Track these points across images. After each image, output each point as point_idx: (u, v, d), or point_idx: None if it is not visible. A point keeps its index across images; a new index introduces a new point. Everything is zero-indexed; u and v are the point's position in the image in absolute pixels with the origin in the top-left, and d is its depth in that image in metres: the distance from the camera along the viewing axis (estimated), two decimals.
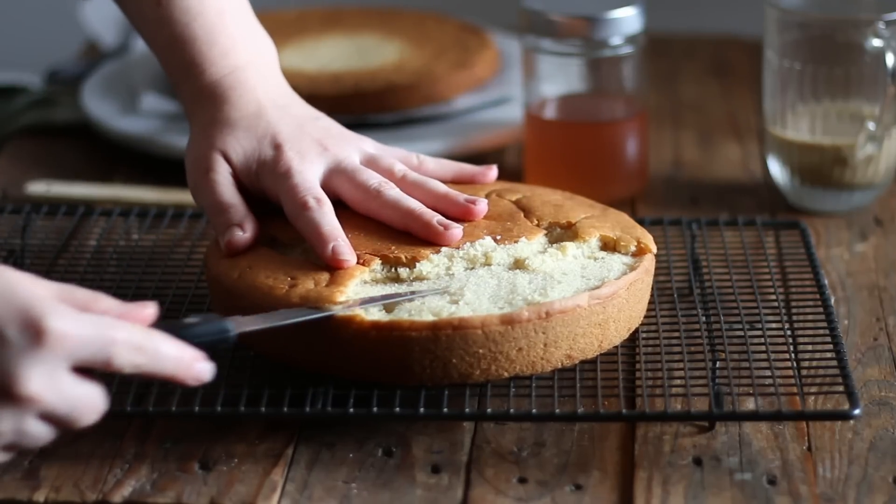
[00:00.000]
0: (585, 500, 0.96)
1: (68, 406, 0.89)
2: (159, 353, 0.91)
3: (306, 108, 1.15)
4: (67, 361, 0.88)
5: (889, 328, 1.15)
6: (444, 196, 1.09)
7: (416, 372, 1.01)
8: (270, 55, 1.16)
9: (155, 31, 1.15)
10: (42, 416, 0.88)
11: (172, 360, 0.92)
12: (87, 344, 0.88)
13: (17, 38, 1.97)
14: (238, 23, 1.15)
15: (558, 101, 1.36)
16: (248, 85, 1.13)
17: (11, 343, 0.86)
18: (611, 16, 1.32)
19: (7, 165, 1.45)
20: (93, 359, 0.89)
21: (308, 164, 1.09)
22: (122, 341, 0.89)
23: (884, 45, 1.28)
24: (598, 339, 1.04)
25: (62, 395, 0.88)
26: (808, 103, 1.32)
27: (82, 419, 0.90)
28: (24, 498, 0.97)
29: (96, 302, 0.92)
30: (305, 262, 1.06)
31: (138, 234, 1.26)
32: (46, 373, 0.87)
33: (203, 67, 1.13)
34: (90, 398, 0.90)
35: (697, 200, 1.37)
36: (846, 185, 1.32)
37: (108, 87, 1.52)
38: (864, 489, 0.97)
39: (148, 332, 0.91)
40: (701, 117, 1.54)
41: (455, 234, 1.06)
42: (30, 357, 0.86)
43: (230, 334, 0.96)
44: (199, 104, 1.13)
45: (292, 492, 0.97)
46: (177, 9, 1.13)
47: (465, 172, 1.15)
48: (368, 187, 1.09)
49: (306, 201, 1.07)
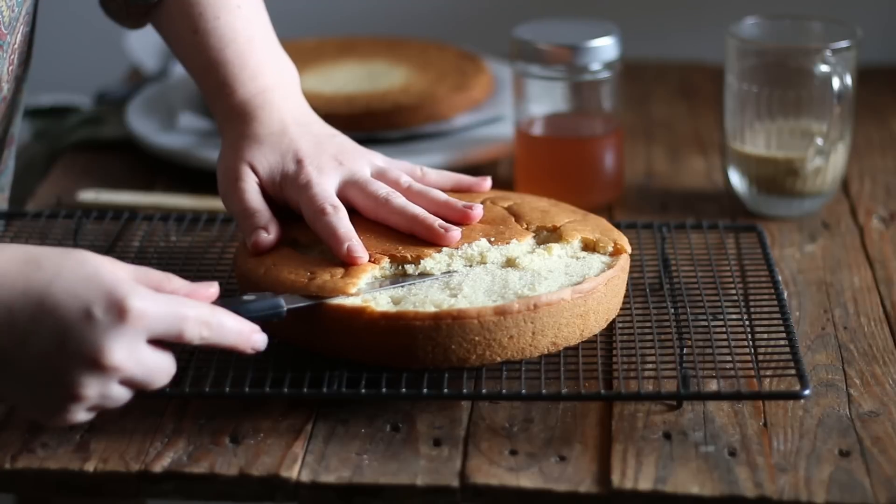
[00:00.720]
0: (569, 469, 0.96)
1: (145, 372, 0.91)
2: (223, 326, 0.94)
3: (324, 127, 1.15)
4: (145, 335, 0.90)
5: (835, 319, 1.15)
6: (445, 203, 1.09)
7: (419, 357, 1.00)
8: (293, 78, 1.16)
9: (192, 57, 1.15)
10: (123, 381, 0.91)
11: (234, 333, 0.94)
12: (163, 320, 0.91)
13: (70, 65, 1.97)
14: (265, 49, 1.15)
15: (545, 120, 1.36)
16: (274, 105, 1.13)
17: (99, 321, 0.88)
18: (591, 45, 1.32)
19: (61, 176, 1.44)
20: (167, 332, 0.91)
21: (326, 177, 1.09)
22: (192, 317, 0.92)
23: (830, 71, 1.27)
24: (579, 328, 1.04)
25: (141, 363, 0.91)
26: (764, 121, 1.32)
27: (157, 383, 0.93)
28: (76, 468, 0.97)
29: (168, 281, 0.94)
30: (322, 259, 1.06)
31: (176, 236, 1.25)
32: (128, 345, 0.89)
33: (234, 88, 1.13)
34: (164, 365, 0.93)
35: (667, 206, 1.36)
36: (797, 193, 1.32)
37: (150, 107, 1.52)
38: (814, 460, 0.97)
39: (213, 308, 0.94)
40: (670, 134, 1.53)
41: (454, 236, 1.06)
42: (114, 332, 0.89)
43: (282, 309, 0.99)
44: (229, 121, 1.13)
45: (311, 462, 0.97)
46: (211, 37, 1.13)
47: (464, 182, 1.14)
48: (378, 196, 1.08)
49: (324, 208, 1.07)
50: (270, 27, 1.18)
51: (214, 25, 1.14)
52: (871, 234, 1.29)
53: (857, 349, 1.10)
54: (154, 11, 1.17)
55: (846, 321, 1.14)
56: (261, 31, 1.15)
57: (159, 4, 1.17)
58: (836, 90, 1.27)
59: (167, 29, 1.17)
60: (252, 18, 1.15)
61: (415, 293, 1.02)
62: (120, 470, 0.96)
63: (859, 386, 1.05)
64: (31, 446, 0.98)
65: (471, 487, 0.95)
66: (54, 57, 1.97)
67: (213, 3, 1.14)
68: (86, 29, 1.94)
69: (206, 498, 0.97)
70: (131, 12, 1.18)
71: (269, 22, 1.18)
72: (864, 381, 1.06)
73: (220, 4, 1.14)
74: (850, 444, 0.98)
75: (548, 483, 0.95)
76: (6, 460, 0.97)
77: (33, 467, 0.97)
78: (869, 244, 1.27)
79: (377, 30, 1.80)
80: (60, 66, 1.97)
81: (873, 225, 1.31)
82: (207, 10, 1.14)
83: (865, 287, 1.19)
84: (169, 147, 1.43)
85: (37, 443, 0.99)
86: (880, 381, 1.05)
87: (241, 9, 1.15)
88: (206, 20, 1.14)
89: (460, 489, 0.95)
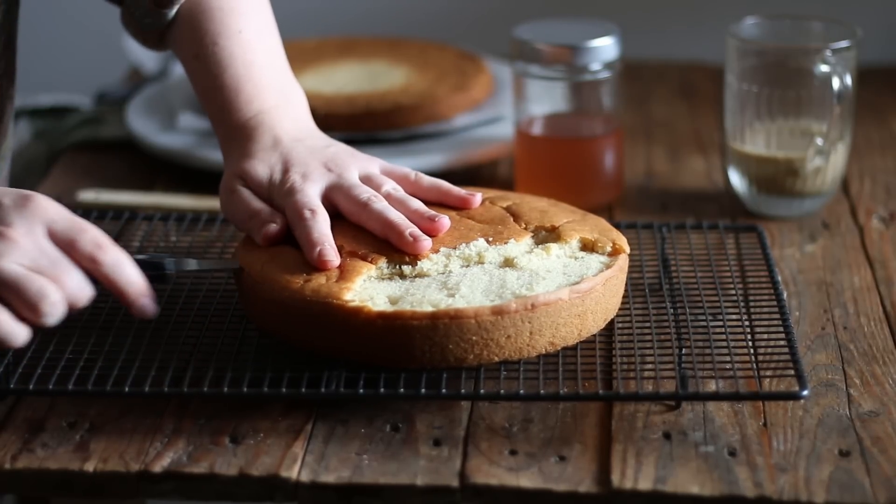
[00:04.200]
0: (568, 469, 0.96)
1: (48, 261, 0.96)
2: (119, 265, 0.99)
3: (322, 140, 1.15)
4: (44, 224, 0.97)
5: (835, 319, 1.15)
6: (415, 212, 1.09)
7: (417, 357, 1.00)
8: (297, 99, 1.17)
9: (195, 81, 1.17)
10: (32, 268, 0.96)
11: (127, 278, 0.99)
12: (63, 219, 0.98)
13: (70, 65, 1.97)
14: (264, 73, 1.16)
15: (545, 120, 1.36)
16: (269, 125, 1.14)
17: (6, 206, 0.98)
18: (591, 45, 1.32)
19: (61, 176, 1.44)
20: (63, 233, 0.98)
21: (310, 183, 1.10)
22: (91, 232, 0.98)
23: (830, 71, 1.27)
24: (577, 328, 1.04)
25: (39, 247, 0.97)
26: (764, 121, 1.32)
27: (62, 277, 0.96)
28: (76, 468, 0.97)
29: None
30: None
31: (176, 236, 1.25)
32: (27, 226, 0.97)
33: (231, 112, 1.14)
34: (65, 264, 0.97)
35: (667, 206, 1.36)
36: (797, 193, 1.32)
37: (150, 107, 1.52)
38: (813, 460, 0.97)
39: (117, 247, 0.99)
40: (670, 134, 1.53)
41: (423, 246, 1.06)
42: (16, 212, 0.97)
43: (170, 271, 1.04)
44: (228, 143, 1.15)
45: (311, 462, 0.97)
46: (210, 62, 1.15)
47: (452, 195, 1.13)
48: (360, 200, 1.09)
49: (303, 213, 1.07)
50: (276, 49, 1.18)
51: (213, 51, 1.15)
52: (871, 234, 1.29)
53: (857, 349, 1.10)
54: (168, 34, 1.18)
55: (846, 321, 1.14)
56: (261, 55, 1.16)
57: (169, 29, 1.18)
58: (836, 90, 1.27)
59: (177, 53, 1.19)
60: (253, 42, 1.16)
61: (412, 293, 1.03)
62: (120, 470, 0.96)
63: (859, 386, 1.05)
64: (31, 446, 0.98)
65: (471, 487, 0.95)
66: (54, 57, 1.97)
67: (213, 29, 1.16)
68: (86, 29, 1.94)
69: (206, 498, 0.97)
70: (147, 38, 1.19)
71: (276, 44, 1.18)
72: (864, 381, 1.06)
73: (220, 30, 1.15)
74: (850, 444, 0.98)
75: (547, 483, 0.95)
76: (6, 460, 0.97)
77: (33, 467, 0.97)
78: (869, 244, 1.27)
79: (377, 30, 1.80)
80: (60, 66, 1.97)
81: (873, 225, 1.31)
82: (207, 36, 1.16)
83: (865, 287, 1.20)
84: (169, 147, 1.43)
85: (37, 443, 0.99)
86: (880, 381, 1.06)
87: (241, 34, 1.16)
88: (205, 45, 1.15)
89: (460, 489, 0.95)
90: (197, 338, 1.08)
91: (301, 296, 1.01)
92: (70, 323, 1.00)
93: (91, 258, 0.98)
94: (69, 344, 1.06)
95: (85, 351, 1.05)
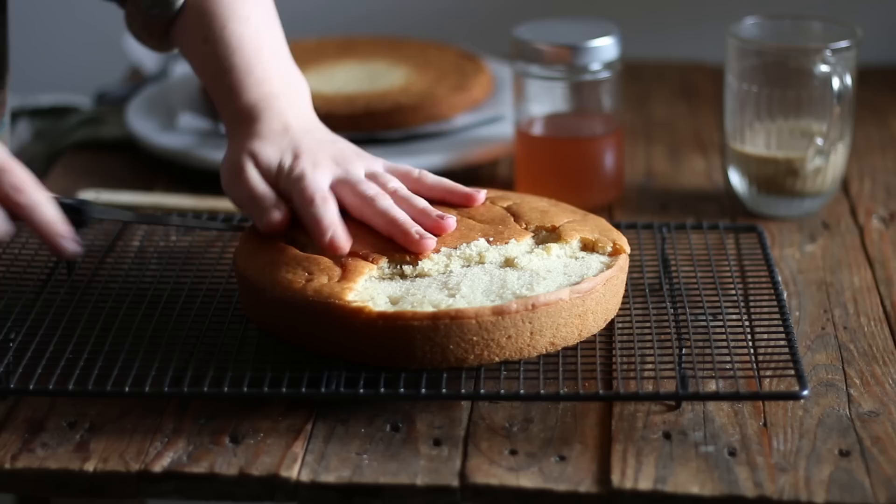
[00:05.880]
0: (569, 469, 0.96)
1: None
2: (39, 206, 1.00)
3: (328, 134, 1.16)
4: None
5: (835, 319, 1.15)
6: (422, 210, 1.09)
7: (417, 357, 1.00)
8: (302, 90, 1.17)
9: (202, 66, 1.17)
10: None
11: (46, 218, 1.00)
12: None
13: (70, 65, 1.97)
14: (273, 59, 1.17)
15: (545, 120, 1.36)
16: (279, 109, 1.14)
17: None
18: (591, 45, 1.32)
19: (61, 176, 1.44)
20: None
21: (319, 172, 1.10)
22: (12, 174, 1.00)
23: (830, 71, 1.27)
24: (578, 328, 1.04)
25: None
26: (764, 121, 1.32)
27: None
28: (76, 468, 0.97)
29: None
30: (321, 259, 1.06)
31: (176, 236, 1.25)
32: None
33: (240, 93, 1.14)
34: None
35: (667, 207, 1.36)
36: (797, 193, 1.32)
37: (150, 107, 1.52)
38: (813, 460, 0.97)
39: (39, 187, 1.00)
40: (670, 134, 1.53)
41: (428, 245, 1.06)
42: None
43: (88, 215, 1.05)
44: (235, 124, 1.14)
45: (311, 462, 0.97)
46: (219, 45, 1.15)
47: (456, 193, 1.14)
48: (365, 196, 1.09)
49: (313, 198, 1.08)
50: (282, 41, 1.19)
51: (222, 34, 1.16)
52: (871, 234, 1.29)
53: (857, 349, 1.10)
54: (173, 27, 1.18)
55: (846, 321, 1.14)
56: (270, 42, 1.17)
57: (176, 19, 1.18)
58: (836, 90, 1.27)
59: (183, 42, 1.19)
60: (261, 30, 1.17)
61: (413, 293, 1.03)
62: (120, 470, 0.96)
63: (859, 386, 1.05)
64: (31, 446, 0.98)
65: (471, 487, 0.95)
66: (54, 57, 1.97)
67: (223, 14, 1.16)
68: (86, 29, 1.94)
69: (206, 498, 0.97)
70: (152, 31, 1.19)
71: (281, 37, 1.19)
72: (864, 381, 1.06)
73: (229, 15, 1.16)
74: (850, 444, 0.98)
75: (548, 483, 0.95)
76: (6, 460, 0.97)
77: (33, 467, 0.97)
78: (869, 244, 1.28)
79: (377, 30, 1.80)
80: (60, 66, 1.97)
81: (873, 225, 1.31)
82: (216, 20, 1.16)
83: (865, 287, 1.20)
84: (169, 147, 1.43)
85: (37, 443, 0.99)
86: (880, 381, 1.06)
87: (249, 20, 1.17)
88: (215, 29, 1.16)
89: (460, 489, 0.95)
90: (197, 338, 1.08)
91: (303, 296, 1.01)
92: (70, 323, 1.00)
93: (8, 199, 1.00)
94: (69, 344, 1.06)
95: (85, 351, 1.06)
